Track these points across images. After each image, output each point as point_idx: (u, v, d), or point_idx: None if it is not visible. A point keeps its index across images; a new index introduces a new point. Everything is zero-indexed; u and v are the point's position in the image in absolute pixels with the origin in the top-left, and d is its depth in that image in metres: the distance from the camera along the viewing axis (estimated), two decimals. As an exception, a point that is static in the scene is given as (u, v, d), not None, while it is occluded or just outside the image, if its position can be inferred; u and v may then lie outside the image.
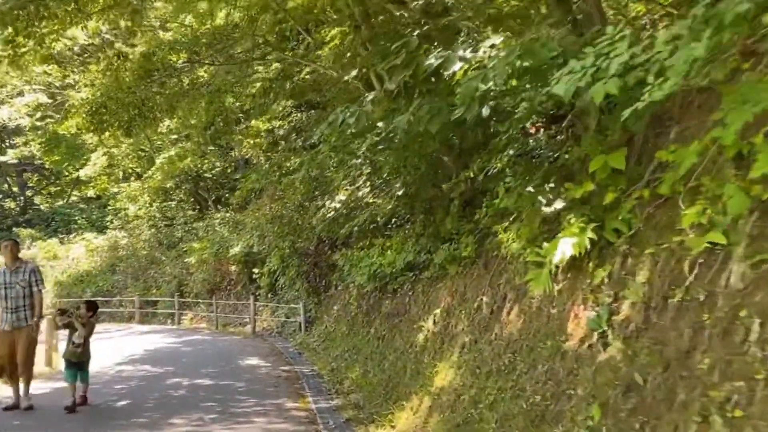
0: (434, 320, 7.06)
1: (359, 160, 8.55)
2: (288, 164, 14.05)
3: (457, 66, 4.24)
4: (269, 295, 17.28)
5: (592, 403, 3.39)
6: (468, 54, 4.23)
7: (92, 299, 10.86)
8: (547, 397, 3.87)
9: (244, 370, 10.54)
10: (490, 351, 5.15)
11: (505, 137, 6.78)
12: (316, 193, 13.33)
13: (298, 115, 19.10)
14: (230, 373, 10.04)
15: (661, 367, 3.07)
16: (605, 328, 3.67)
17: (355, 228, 10.59)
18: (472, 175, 6.44)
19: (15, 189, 36.99)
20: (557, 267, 4.56)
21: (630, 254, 3.90)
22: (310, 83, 13.89)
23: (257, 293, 17.67)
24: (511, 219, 5.51)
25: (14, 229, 31.19)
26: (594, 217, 4.36)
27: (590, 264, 4.28)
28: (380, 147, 6.83)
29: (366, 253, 9.98)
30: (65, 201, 35.70)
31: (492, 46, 4.19)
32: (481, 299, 6.00)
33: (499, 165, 5.91)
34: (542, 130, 7.73)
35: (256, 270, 17.50)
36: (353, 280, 10.84)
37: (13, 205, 36.28)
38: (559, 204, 4.61)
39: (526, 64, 3.89)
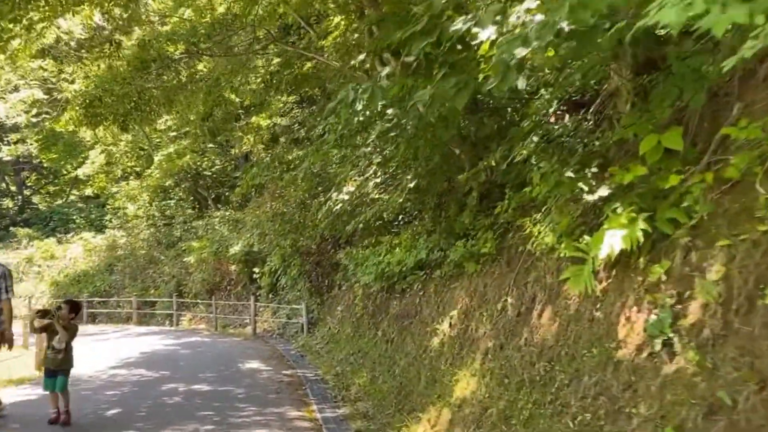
0: (450, 323, 6.49)
1: (369, 149, 7.98)
2: (290, 158, 13.50)
3: (488, 32, 3.68)
4: (270, 296, 16.80)
5: (662, 425, 2.82)
6: (500, 18, 3.69)
7: (74, 299, 10.21)
8: (600, 416, 3.30)
9: (244, 374, 9.99)
10: (519, 358, 4.58)
11: (527, 124, 6.23)
12: (319, 189, 12.79)
13: (299, 110, 18.62)
14: (229, 378, 9.50)
15: (755, 384, 2.50)
16: (669, 334, 3.10)
17: (360, 225, 10.04)
18: (493, 163, 5.87)
19: (13, 188, 36.49)
20: (600, 264, 4.01)
21: (694, 247, 3.33)
22: (312, 72, 13.37)
23: (258, 293, 17.18)
24: (542, 210, 4.95)
25: (12, 228, 30.74)
26: (644, 206, 3.80)
27: (641, 259, 3.72)
28: (391, 134, 6.27)
29: (372, 251, 9.43)
30: (63, 200, 35.21)
31: (528, 11, 3.65)
32: (505, 300, 5.43)
33: (525, 152, 5.33)
34: (566, 116, 7.20)
35: (256, 269, 17.03)
36: (358, 280, 10.32)
37: (11, 204, 35.80)
38: (603, 191, 4.03)
39: (570, 27, 3.33)
